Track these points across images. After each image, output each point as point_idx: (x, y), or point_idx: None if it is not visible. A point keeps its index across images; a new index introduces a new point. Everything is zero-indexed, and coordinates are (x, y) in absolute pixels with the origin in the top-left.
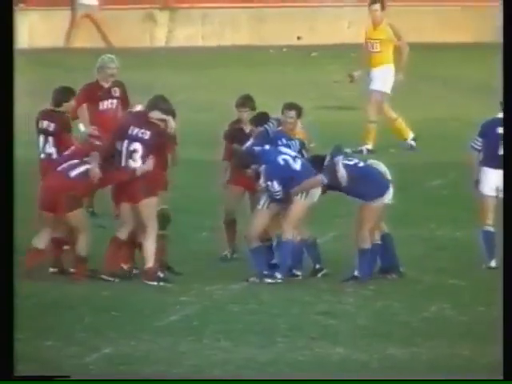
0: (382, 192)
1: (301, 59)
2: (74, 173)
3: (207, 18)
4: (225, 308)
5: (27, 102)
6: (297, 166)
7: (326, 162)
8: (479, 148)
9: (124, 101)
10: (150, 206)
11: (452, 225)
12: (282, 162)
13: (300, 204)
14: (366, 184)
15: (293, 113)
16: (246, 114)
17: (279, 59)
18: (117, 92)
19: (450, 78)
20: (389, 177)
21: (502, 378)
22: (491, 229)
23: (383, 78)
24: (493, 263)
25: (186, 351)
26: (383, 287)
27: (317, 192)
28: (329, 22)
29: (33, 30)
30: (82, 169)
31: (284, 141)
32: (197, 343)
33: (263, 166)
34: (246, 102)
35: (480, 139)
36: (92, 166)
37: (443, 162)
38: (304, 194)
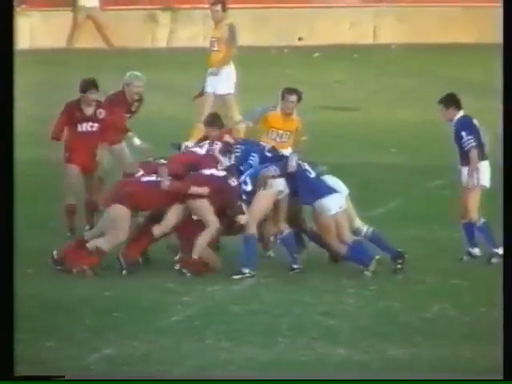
0: (314, 198)
1: (302, 60)
2: (146, 178)
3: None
4: (226, 308)
5: (28, 103)
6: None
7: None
8: (476, 144)
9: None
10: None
11: (454, 225)
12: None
13: (260, 196)
14: (302, 187)
15: (294, 97)
16: (214, 133)
17: (280, 60)
18: (102, 114)
19: (452, 79)
20: (339, 189)
21: (502, 378)
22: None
23: (224, 78)
24: (476, 251)
25: (187, 351)
26: (384, 287)
27: (278, 183)
28: (330, 22)
29: (34, 31)
30: (153, 178)
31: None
32: (198, 343)
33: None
34: (214, 120)
35: (471, 136)
36: (163, 179)
37: (444, 163)
38: (262, 186)
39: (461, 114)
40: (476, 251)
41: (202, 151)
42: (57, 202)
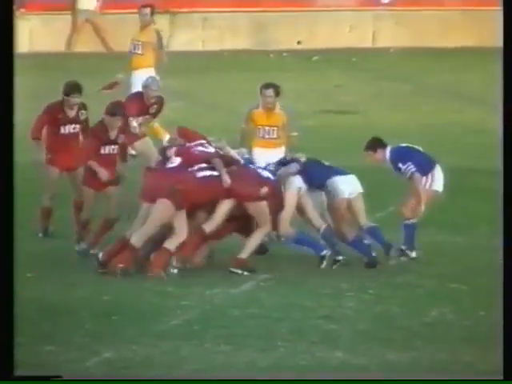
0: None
1: (301, 64)
2: (201, 174)
3: (207, 23)
4: (225, 312)
5: (27, 106)
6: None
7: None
8: (415, 168)
9: (86, 126)
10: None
11: (452, 229)
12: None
13: (288, 196)
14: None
15: (270, 91)
16: (116, 122)
17: (279, 64)
18: (83, 115)
19: (451, 83)
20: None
21: (501, 378)
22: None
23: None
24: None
25: (187, 355)
26: (383, 291)
27: (296, 180)
28: (329, 26)
29: (33, 35)
30: (208, 173)
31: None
32: (198, 347)
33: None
34: (118, 110)
35: (408, 163)
36: (222, 173)
37: (442, 167)
38: (283, 185)
39: (388, 150)
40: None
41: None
42: (55, 206)
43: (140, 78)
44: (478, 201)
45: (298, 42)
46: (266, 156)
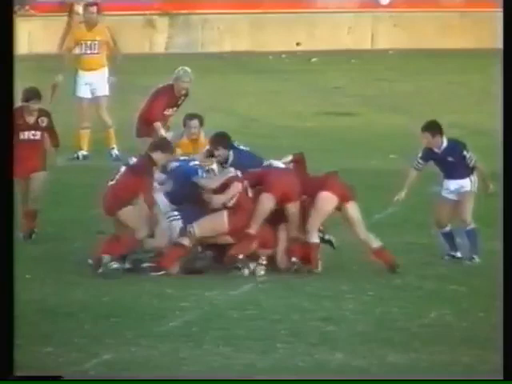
0: None
1: (300, 65)
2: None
3: (207, 24)
4: (224, 314)
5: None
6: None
7: None
8: (420, 169)
9: (51, 132)
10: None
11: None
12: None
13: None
14: None
15: (196, 121)
16: (32, 107)
17: (279, 65)
18: (44, 122)
19: (450, 84)
20: None
21: (501, 378)
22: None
23: (104, 81)
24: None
25: (185, 357)
26: (382, 293)
27: None
28: (328, 28)
29: (33, 37)
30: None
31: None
32: (197, 349)
33: None
34: (32, 95)
35: (422, 162)
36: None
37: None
38: None
39: (445, 138)
40: (458, 254)
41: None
42: (54, 208)
43: (99, 78)
44: (477, 203)
45: (297, 44)
46: None
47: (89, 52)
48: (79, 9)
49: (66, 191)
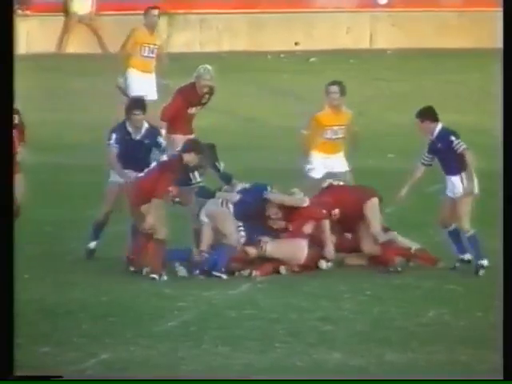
0: None
1: (299, 65)
2: None
3: (205, 24)
4: (223, 313)
5: (24, 107)
6: None
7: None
8: (427, 162)
9: (20, 130)
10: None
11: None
12: None
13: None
14: None
15: (335, 87)
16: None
17: (277, 65)
18: (15, 119)
19: (448, 84)
20: None
21: (501, 378)
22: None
23: (153, 85)
24: (468, 256)
25: (184, 357)
26: (380, 293)
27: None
28: (327, 27)
29: (31, 36)
30: None
31: None
32: (195, 349)
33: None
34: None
35: (428, 154)
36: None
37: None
38: None
39: (439, 125)
40: (468, 256)
41: None
42: (52, 207)
43: (151, 82)
44: (476, 202)
45: (296, 44)
46: (328, 161)
47: (151, 55)
48: (74, 9)
49: (63, 190)
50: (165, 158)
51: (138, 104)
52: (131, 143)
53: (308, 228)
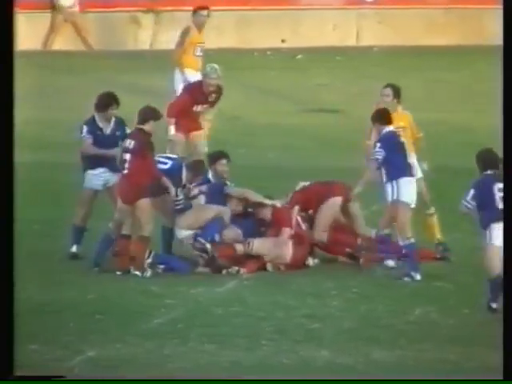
0: None
1: (285, 62)
2: None
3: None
4: (209, 311)
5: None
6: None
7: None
8: (381, 158)
9: None
10: None
11: (437, 228)
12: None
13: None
14: None
15: (388, 90)
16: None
17: (264, 62)
18: None
19: (435, 81)
20: None
21: (501, 378)
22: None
23: None
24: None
25: (170, 354)
26: (367, 290)
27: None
28: (314, 24)
29: (18, 33)
30: None
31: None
32: (182, 346)
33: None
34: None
35: (383, 150)
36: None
37: (430, 165)
38: None
39: (388, 129)
40: (391, 263)
41: None
42: (39, 206)
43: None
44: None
45: (282, 41)
46: None
47: (201, 54)
48: (62, 2)
49: (50, 189)
50: (129, 143)
51: (115, 99)
52: (102, 138)
53: (285, 233)
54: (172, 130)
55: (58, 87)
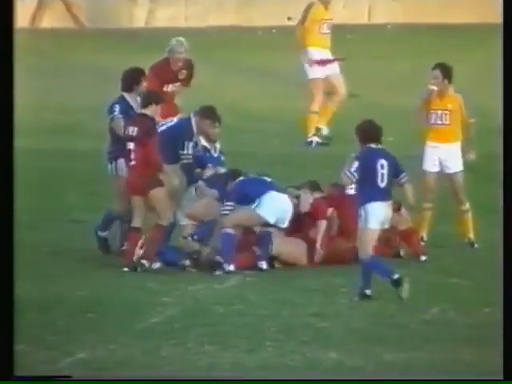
0: None
1: (292, 41)
2: None
3: None
4: (209, 309)
5: None
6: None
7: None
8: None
9: None
10: None
11: (453, 220)
12: None
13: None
14: None
15: (437, 72)
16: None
17: (268, 41)
18: None
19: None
20: None
21: (501, 378)
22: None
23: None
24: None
25: (167, 356)
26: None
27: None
28: None
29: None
30: None
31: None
32: (179, 347)
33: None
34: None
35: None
36: None
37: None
38: None
39: (371, 145)
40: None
41: None
42: (27, 195)
43: (329, 57)
44: (481, 189)
45: (289, 18)
46: (438, 151)
47: (328, 31)
48: None
49: (38, 177)
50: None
51: (144, 74)
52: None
53: (321, 226)
54: None
55: (46, 68)
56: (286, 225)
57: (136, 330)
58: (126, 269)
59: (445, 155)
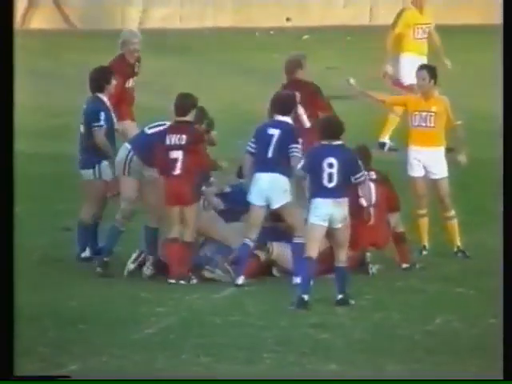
0: None
1: (290, 43)
2: None
3: None
4: (205, 320)
5: None
6: None
7: None
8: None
9: None
10: None
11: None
12: None
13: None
14: None
15: (424, 72)
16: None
17: (266, 43)
18: None
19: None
20: None
21: (501, 378)
22: None
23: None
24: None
25: (162, 368)
26: (382, 297)
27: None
28: (322, 1)
29: None
30: None
31: None
32: (174, 359)
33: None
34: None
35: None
36: None
37: (450, 159)
38: None
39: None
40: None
41: None
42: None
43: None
44: (485, 195)
45: (287, 19)
46: (420, 156)
47: (424, 36)
48: None
49: (28, 182)
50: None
51: (113, 73)
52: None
53: None
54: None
55: (35, 71)
56: (276, 205)
57: (129, 341)
58: (172, 280)
59: (429, 160)
